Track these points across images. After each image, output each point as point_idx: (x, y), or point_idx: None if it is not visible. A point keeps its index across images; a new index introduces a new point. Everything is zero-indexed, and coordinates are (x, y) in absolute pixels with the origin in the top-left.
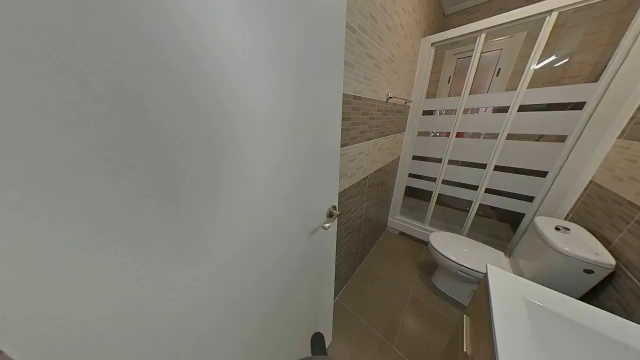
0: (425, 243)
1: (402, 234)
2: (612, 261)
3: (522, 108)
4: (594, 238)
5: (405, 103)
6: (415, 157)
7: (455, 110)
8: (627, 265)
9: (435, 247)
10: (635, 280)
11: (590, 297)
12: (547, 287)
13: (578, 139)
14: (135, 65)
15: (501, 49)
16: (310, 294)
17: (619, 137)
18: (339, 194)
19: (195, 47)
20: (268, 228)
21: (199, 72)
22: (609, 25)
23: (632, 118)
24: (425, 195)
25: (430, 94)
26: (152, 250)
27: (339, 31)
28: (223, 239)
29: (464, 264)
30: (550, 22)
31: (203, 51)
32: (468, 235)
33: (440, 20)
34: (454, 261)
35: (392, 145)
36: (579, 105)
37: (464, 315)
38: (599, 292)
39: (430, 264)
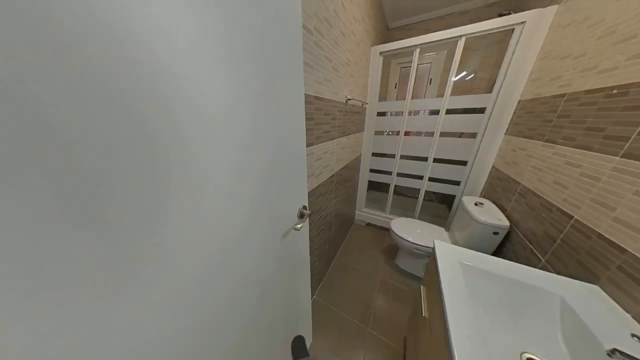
0: (388, 230)
1: (368, 224)
2: (507, 223)
3: (448, 111)
4: (497, 208)
5: (362, 105)
6: (374, 154)
7: (402, 112)
8: (516, 225)
9: (395, 232)
10: (521, 235)
11: (497, 252)
12: (472, 250)
13: (483, 135)
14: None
15: (431, 62)
16: (288, 298)
17: (505, 134)
18: (309, 193)
19: (119, 27)
20: (234, 238)
21: (124, 59)
22: (495, 51)
23: (511, 120)
24: (384, 187)
25: (382, 97)
26: (69, 290)
27: (296, 31)
28: (178, 260)
29: (418, 243)
30: (461, 45)
31: (128, 33)
32: (419, 218)
33: (385, 32)
34: (410, 241)
35: (353, 144)
36: (482, 110)
37: (421, 286)
38: (502, 247)
39: (392, 248)
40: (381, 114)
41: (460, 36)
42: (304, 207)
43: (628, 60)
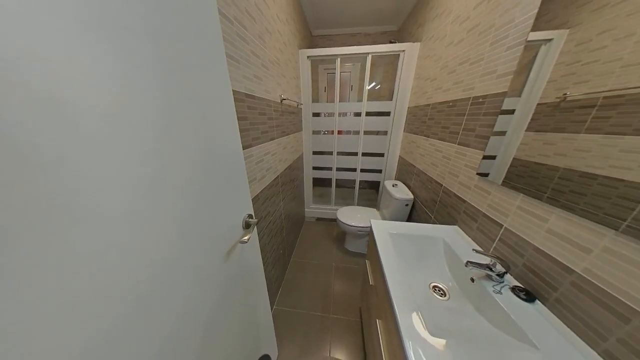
0: (335, 220)
1: (318, 219)
2: (412, 197)
3: (367, 114)
4: (405, 187)
5: (298, 105)
6: (315, 152)
7: (334, 113)
8: (417, 197)
9: (341, 220)
10: (420, 203)
11: (409, 218)
12: (394, 220)
13: (391, 133)
14: None
15: (350, 71)
16: (244, 322)
17: (404, 131)
18: (253, 199)
19: None
20: (152, 277)
21: None
22: (391, 68)
23: (406, 121)
24: (328, 182)
25: (315, 99)
26: None
27: (211, 14)
28: (66, 322)
29: (359, 225)
30: (369, 60)
31: None
32: (358, 204)
33: (310, 38)
34: (354, 226)
35: (294, 144)
36: (388, 113)
37: (366, 260)
38: (411, 214)
39: (341, 235)
40: (316, 114)
41: (368, 53)
42: (250, 216)
43: (454, 85)
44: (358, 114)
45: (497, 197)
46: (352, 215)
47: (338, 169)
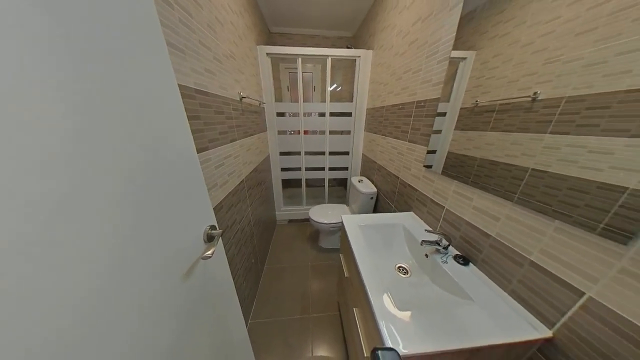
0: (308, 219)
1: (290, 221)
2: (375, 190)
3: (331, 114)
4: (369, 181)
5: (260, 104)
6: (282, 153)
7: (298, 113)
8: (379, 190)
9: (313, 219)
10: (382, 195)
11: (374, 210)
12: (362, 213)
13: (354, 132)
14: None
15: (312, 72)
16: (215, 343)
17: (365, 131)
18: (215, 208)
19: None
20: (82, 318)
21: None
22: (350, 72)
23: (366, 121)
24: (297, 183)
25: (278, 98)
26: None
27: None
28: None
29: (332, 221)
30: (329, 63)
31: None
32: (328, 202)
33: (268, 34)
34: (326, 223)
35: (259, 145)
36: (349, 114)
37: (340, 255)
38: (376, 206)
39: (314, 234)
40: (280, 114)
41: (328, 56)
42: (212, 227)
43: (402, 90)
44: (322, 114)
45: (439, 184)
46: (323, 213)
47: (307, 169)
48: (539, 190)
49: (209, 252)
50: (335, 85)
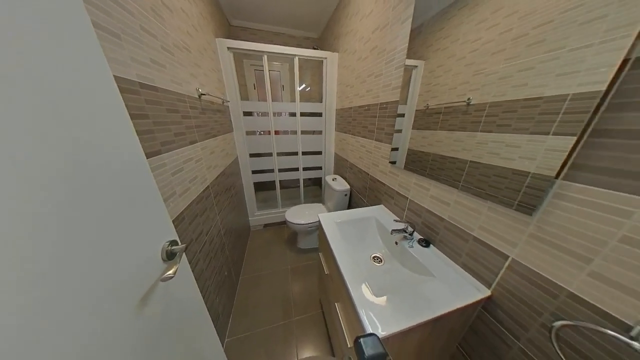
0: (284, 222)
1: (266, 225)
2: (349, 187)
3: (302, 114)
4: (343, 179)
5: (223, 102)
6: (252, 155)
7: (268, 113)
8: (352, 186)
9: (290, 221)
10: (355, 192)
11: (349, 206)
12: (338, 210)
13: (325, 132)
14: None
15: (279, 71)
16: None
17: (335, 130)
18: (176, 220)
19: None
20: None
21: None
22: (318, 72)
23: (336, 121)
24: (271, 185)
25: (244, 97)
26: None
27: None
28: None
29: (309, 221)
30: (296, 62)
31: None
32: (304, 202)
33: (228, 27)
34: (303, 223)
35: (225, 146)
36: (320, 114)
37: (319, 253)
38: (350, 202)
39: (292, 235)
40: (248, 113)
41: (295, 55)
42: (173, 243)
43: (366, 92)
44: (293, 114)
45: (403, 178)
46: (300, 214)
47: (280, 170)
48: (476, 178)
49: (171, 272)
50: (304, 85)
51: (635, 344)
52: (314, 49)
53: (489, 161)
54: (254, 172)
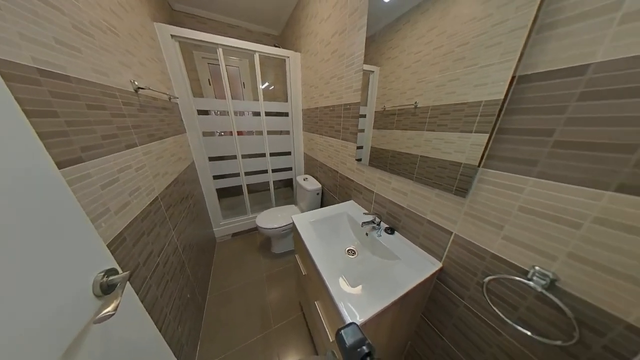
0: (256, 228)
1: (234, 234)
2: (320, 186)
3: (267, 114)
4: (314, 179)
5: (170, 99)
6: (211, 158)
7: (228, 111)
8: (323, 185)
9: (262, 226)
10: (327, 190)
11: (322, 205)
12: (311, 210)
13: (293, 132)
14: None
15: (238, 67)
16: None
17: (303, 130)
18: (112, 243)
19: None
20: None
21: None
22: (281, 71)
23: (303, 121)
24: (237, 190)
25: (198, 93)
26: None
27: None
28: None
29: (283, 224)
30: (257, 59)
31: None
32: (276, 205)
33: (169, 11)
34: (277, 227)
35: (177, 150)
36: (286, 114)
37: (296, 255)
38: (323, 201)
39: (266, 241)
40: (203, 112)
41: (255, 51)
42: (110, 272)
43: (330, 94)
44: (257, 114)
45: (368, 174)
46: (273, 218)
47: (247, 173)
48: (425, 170)
49: (109, 309)
50: (267, 84)
51: (530, 282)
52: (275, 46)
53: (434, 155)
54: (215, 177)
